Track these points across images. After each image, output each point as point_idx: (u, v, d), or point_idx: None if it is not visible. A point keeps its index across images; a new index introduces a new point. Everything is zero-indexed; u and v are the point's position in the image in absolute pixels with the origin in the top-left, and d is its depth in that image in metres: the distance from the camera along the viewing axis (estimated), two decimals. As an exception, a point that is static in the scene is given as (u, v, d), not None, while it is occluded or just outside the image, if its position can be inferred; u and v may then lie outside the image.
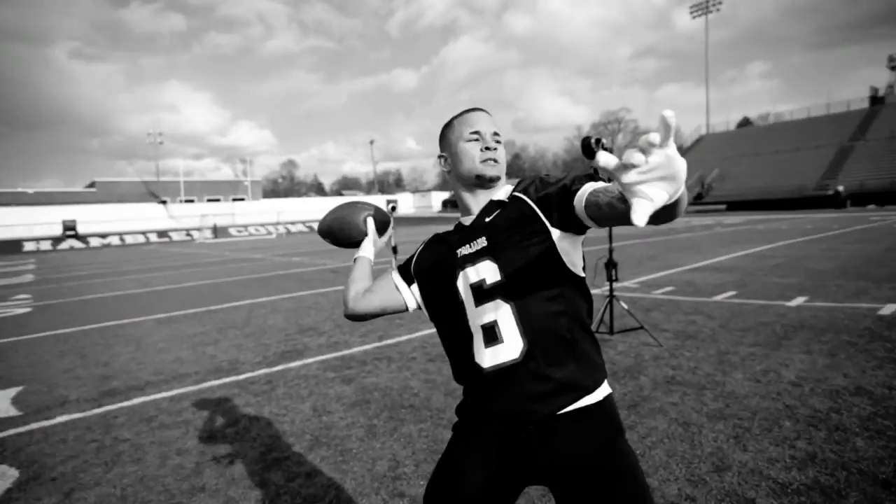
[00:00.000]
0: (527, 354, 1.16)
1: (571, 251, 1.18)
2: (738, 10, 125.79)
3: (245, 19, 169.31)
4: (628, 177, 0.72)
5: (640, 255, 11.12)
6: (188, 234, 45.17)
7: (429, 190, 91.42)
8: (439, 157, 1.36)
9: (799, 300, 5.86)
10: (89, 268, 19.14)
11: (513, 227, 1.19)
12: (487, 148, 1.26)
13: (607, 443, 1.15)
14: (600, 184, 1.09)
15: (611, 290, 4.79)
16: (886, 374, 3.43)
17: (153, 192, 57.45)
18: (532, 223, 1.17)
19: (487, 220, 1.25)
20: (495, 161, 1.27)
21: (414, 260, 1.39)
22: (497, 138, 1.29)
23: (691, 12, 59.73)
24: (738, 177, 42.95)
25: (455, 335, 1.27)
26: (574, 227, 1.12)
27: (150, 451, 2.95)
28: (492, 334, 1.19)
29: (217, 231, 45.20)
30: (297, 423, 3.22)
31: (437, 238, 1.37)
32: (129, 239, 41.93)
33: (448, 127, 1.34)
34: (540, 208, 1.17)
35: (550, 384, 1.15)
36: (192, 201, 58.75)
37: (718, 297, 6.26)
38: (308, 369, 4.36)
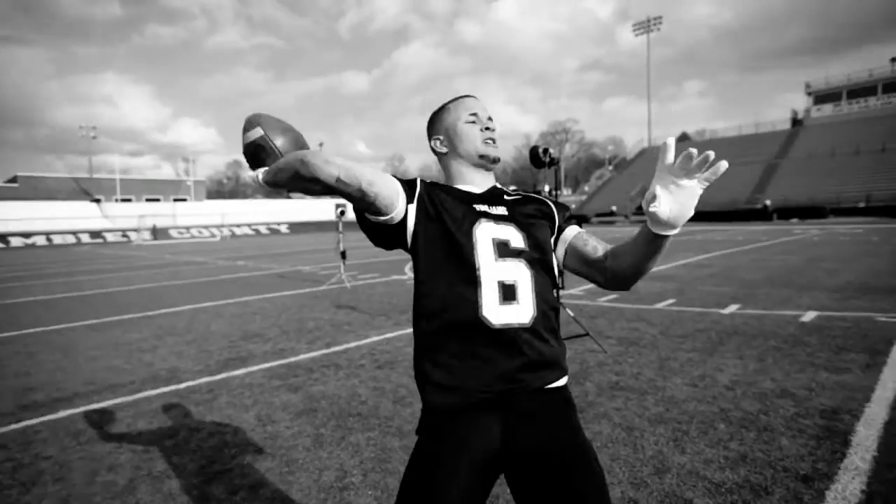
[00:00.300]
0: (534, 322, 1.20)
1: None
2: (677, 31, 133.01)
3: (188, 12, 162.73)
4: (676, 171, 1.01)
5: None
6: (124, 236, 42.88)
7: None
8: (434, 139, 1.39)
9: (732, 308, 6.20)
10: (10, 269, 17.82)
11: (532, 215, 1.32)
12: (487, 128, 1.35)
13: (577, 422, 1.23)
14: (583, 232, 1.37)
15: (557, 297, 4.90)
16: (807, 377, 3.68)
17: (85, 190, 54.15)
18: (549, 220, 1.34)
19: (506, 198, 1.35)
20: (494, 141, 1.36)
21: (419, 183, 1.29)
22: (492, 122, 1.37)
23: (634, 30, 62.50)
24: (677, 189, 44.98)
25: (457, 280, 1.20)
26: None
27: (76, 469, 2.76)
28: (511, 292, 1.19)
29: (156, 233, 43.16)
30: (240, 434, 3.10)
31: (435, 184, 1.34)
32: (57, 239, 39.27)
33: (443, 111, 1.39)
34: (557, 211, 1.37)
35: (544, 357, 1.21)
36: (129, 200, 55.80)
37: (659, 305, 6.52)
38: (253, 377, 4.22)
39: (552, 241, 1.34)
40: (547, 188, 3.51)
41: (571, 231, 1.36)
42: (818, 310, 5.86)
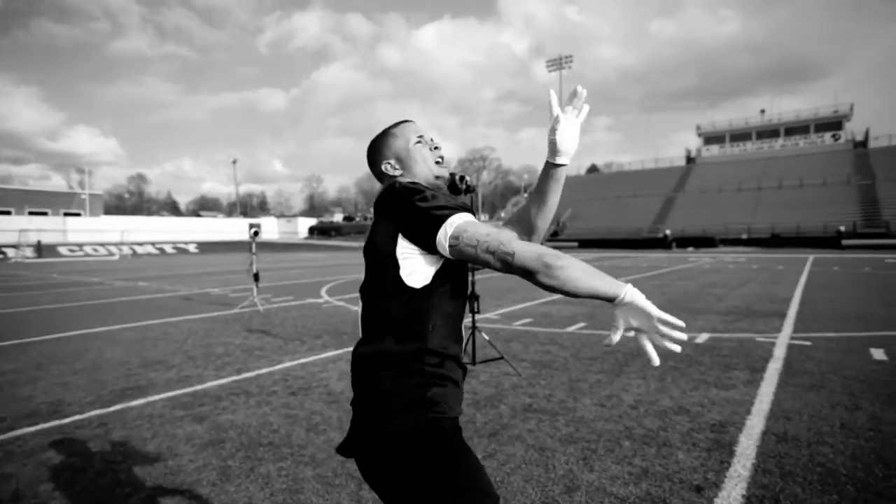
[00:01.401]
0: None
1: None
2: (586, 70, 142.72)
3: (87, 12, 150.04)
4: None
5: (502, 288, 11.78)
6: (1, 252, 38.46)
7: (295, 215, 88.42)
8: (385, 163, 1.41)
9: (635, 330, 6.62)
10: None
11: None
12: (437, 148, 1.43)
13: None
14: None
15: (473, 321, 4.99)
16: (700, 394, 4.00)
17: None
18: None
19: None
20: (443, 159, 1.43)
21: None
22: (436, 142, 1.45)
23: (547, 66, 66.25)
24: (588, 217, 47.81)
25: (459, 318, 1.32)
26: None
27: (-67, 518, 2.40)
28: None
29: (41, 249, 39.12)
30: (136, 470, 2.85)
31: None
32: (-84, 255, 34.54)
33: (389, 136, 1.42)
34: None
35: None
36: (8, 213, 50.22)
37: (571, 329, 6.83)
38: (153, 408, 3.91)
39: None
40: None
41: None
42: (710, 332, 6.40)
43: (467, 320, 6.34)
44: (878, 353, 5.11)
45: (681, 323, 1.13)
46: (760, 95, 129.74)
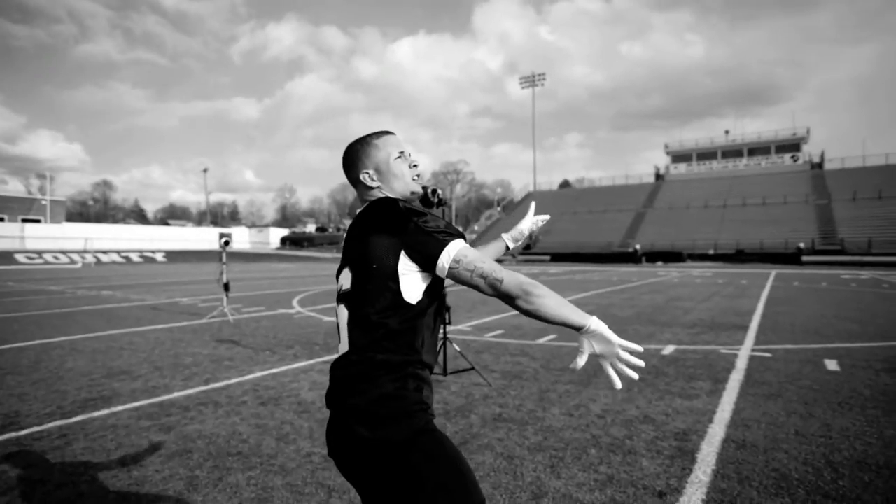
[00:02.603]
0: None
1: None
2: (558, 88, 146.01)
3: (51, 13, 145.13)
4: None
5: (474, 300, 11.86)
6: (-45, 259, 36.87)
7: (267, 225, 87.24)
8: (363, 172, 1.45)
9: (604, 342, 6.75)
10: None
11: None
12: (415, 165, 1.48)
13: None
14: None
15: (444, 332, 5.03)
16: (665, 404, 4.12)
17: None
18: None
19: None
20: (420, 177, 1.49)
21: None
22: (414, 157, 1.50)
23: (521, 83, 67.51)
24: (560, 231, 48.47)
25: (437, 328, 1.41)
26: None
27: None
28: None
29: (-2, 256, 37.63)
30: (99, 482, 2.79)
31: None
32: None
33: (370, 146, 1.46)
34: None
35: None
36: (-38, 218, 48.25)
37: (541, 340, 6.93)
38: (117, 418, 3.82)
39: None
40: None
41: None
42: (676, 344, 6.58)
43: (439, 332, 6.36)
44: (832, 364, 5.34)
45: (639, 349, 1.29)
46: (725, 116, 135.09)
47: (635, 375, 1.26)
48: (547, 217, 1.97)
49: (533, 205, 2.08)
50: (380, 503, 1.26)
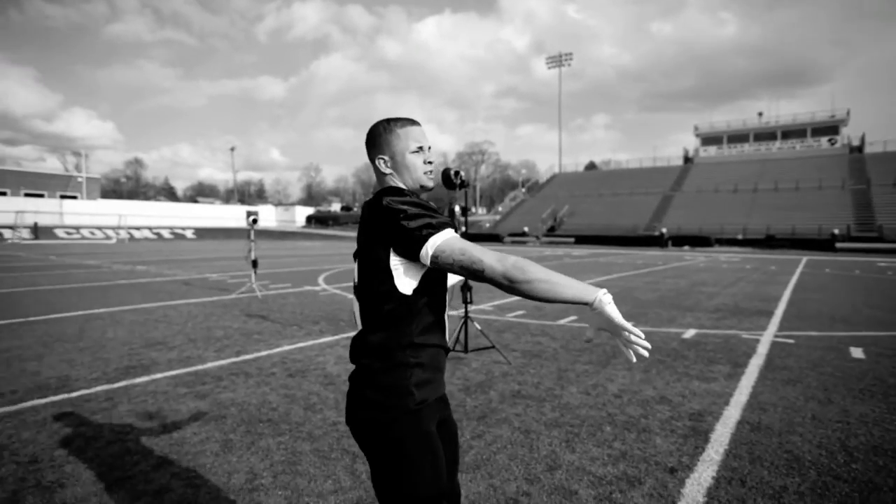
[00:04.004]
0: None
1: None
2: (586, 68, 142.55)
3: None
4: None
5: (498, 281, 11.93)
6: (-2, 233, 38.44)
7: (293, 204, 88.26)
8: (379, 158, 1.51)
9: (625, 325, 6.79)
10: None
11: None
12: (429, 162, 1.51)
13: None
14: None
15: (466, 311, 5.15)
16: (682, 386, 4.18)
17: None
18: None
19: None
20: (433, 172, 1.53)
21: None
22: (432, 153, 1.54)
23: (547, 63, 66.33)
24: (585, 213, 47.95)
25: (441, 311, 1.49)
26: None
27: (-48, 479, 2.55)
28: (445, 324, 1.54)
29: (38, 231, 39.08)
30: (143, 441, 3.01)
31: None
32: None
33: (391, 133, 1.50)
34: None
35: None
36: (3, 194, 50.07)
37: (562, 321, 7.00)
38: (156, 385, 4.06)
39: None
40: (458, 208, 3.75)
41: None
42: (697, 328, 6.58)
43: (460, 311, 6.53)
44: (857, 352, 5.30)
45: (639, 333, 1.26)
46: (758, 98, 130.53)
47: (645, 353, 1.27)
48: None
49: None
50: (371, 471, 1.44)
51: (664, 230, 37.44)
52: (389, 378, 1.38)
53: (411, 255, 1.34)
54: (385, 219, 1.35)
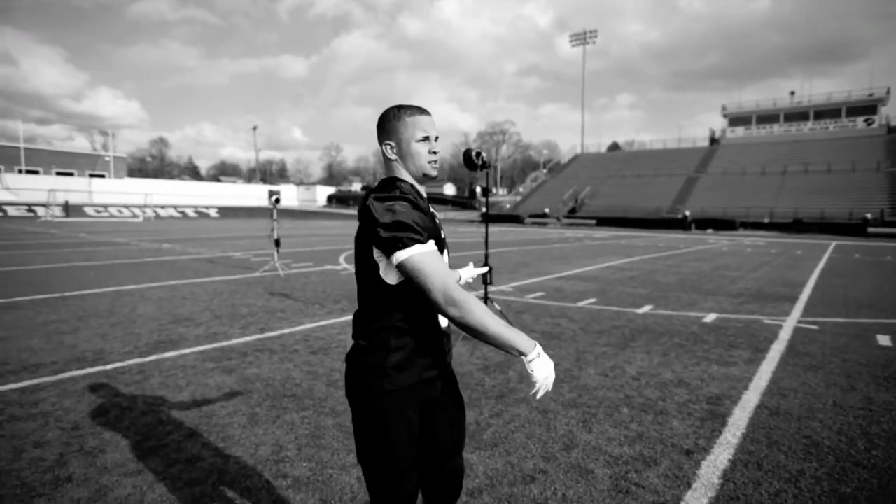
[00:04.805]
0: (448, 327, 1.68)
1: None
2: (611, 46, 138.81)
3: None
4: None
5: (517, 262, 11.94)
6: (30, 210, 39.56)
7: (314, 183, 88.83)
8: (386, 144, 1.55)
9: (646, 308, 6.78)
10: None
11: None
12: (434, 151, 1.54)
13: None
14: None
15: (486, 292, 5.19)
16: (701, 370, 4.18)
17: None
18: None
19: (437, 220, 1.58)
20: (437, 162, 1.56)
21: (419, 223, 1.42)
22: (438, 143, 1.57)
23: (571, 41, 64.91)
24: (607, 195, 47.31)
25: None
26: None
27: None
28: None
29: (69, 209, 40.12)
30: (174, 412, 3.15)
31: (422, 206, 1.50)
32: (-51, 210, 35.68)
33: (399, 121, 1.53)
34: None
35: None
36: (35, 172, 51.38)
37: (581, 304, 7.01)
38: (185, 360, 4.21)
39: None
40: (479, 188, 3.76)
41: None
42: (718, 312, 6.53)
43: (480, 292, 6.57)
44: (884, 339, 5.21)
45: (548, 389, 1.46)
46: (791, 77, 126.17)
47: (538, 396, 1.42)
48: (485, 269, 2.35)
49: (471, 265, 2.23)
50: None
51: (688, 213, 36.80)
52: (370, 357, 1.48)
53: (385, 257, 1.43)
54: (366, 219, 1.43)
